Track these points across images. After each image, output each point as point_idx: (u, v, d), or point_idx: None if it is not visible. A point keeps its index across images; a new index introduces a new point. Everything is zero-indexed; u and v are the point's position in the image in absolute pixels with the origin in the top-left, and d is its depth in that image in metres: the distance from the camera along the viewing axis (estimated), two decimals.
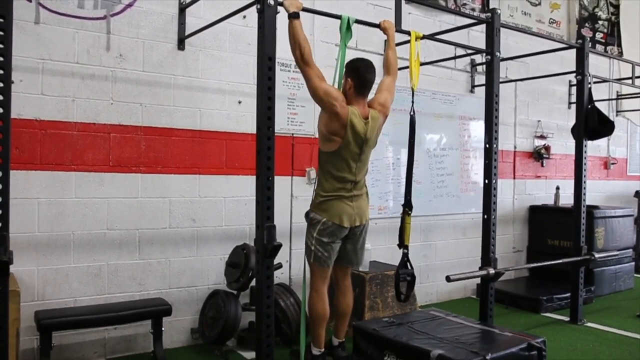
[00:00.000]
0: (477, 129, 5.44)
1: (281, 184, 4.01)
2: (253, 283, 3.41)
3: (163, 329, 3.43)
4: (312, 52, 3.00)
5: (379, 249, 4.68)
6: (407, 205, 3.32)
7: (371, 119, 3.13)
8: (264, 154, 2.76)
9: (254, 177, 2.85)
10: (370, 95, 3.26)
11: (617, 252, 5.35)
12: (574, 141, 4.73)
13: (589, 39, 4.70)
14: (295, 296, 3.82)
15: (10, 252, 2.43)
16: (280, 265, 3.74)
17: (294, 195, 4.26)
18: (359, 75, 3.13)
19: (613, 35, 7.21)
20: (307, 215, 3.24)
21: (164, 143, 3.71)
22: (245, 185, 4.01)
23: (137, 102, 3.61)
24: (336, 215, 3.11)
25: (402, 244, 3.31)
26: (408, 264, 3.30)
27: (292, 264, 4.24)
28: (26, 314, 3.15)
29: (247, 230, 4.03)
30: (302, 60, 2.93)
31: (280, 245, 2.76)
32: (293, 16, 2.89)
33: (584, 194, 4.60)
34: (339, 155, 3.08)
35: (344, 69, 3.20)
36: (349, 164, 3.11)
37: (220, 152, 3.94)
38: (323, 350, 3.27)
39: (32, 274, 3.30)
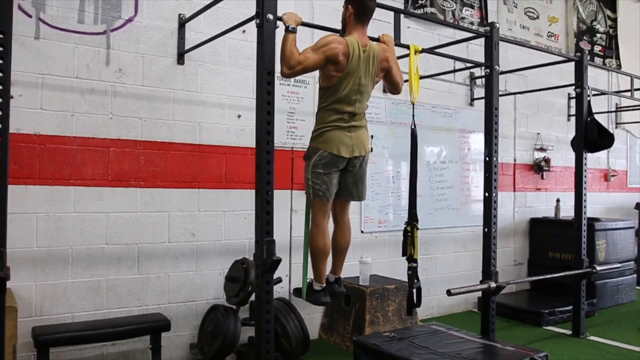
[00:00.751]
0: (477, 141, 5.44)
1: (281, 198, 4.00)
2: (252, 298, 3.39)
3: (162, 344, 3.41)
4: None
5: (379, 262, 4.66)
6: (414, 218, 3.29)
7: (370, 49, 3.05)
8: (264, 168, 2.75)
9: (254, 191, 2.84)
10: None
11: (619, 265, 5.31)
12: (573, 153, 4.74)
13: (587, 51, 4.72)
14: (295, 311, 3.79)
15: (8, 268, 2.41)
16: (279, 280, 3.71)
17: (293, 209, 4.25)
18: (359, 1, 3.05)
19: (611, 48, 7.25)
20: (305, 154, 3.16)
21: (163, 157, 3.71)
22: (244, 200, 4.00)
23: (136, 117, 3.61)
24: (333, 145, 3.01)
25: (411, 258, 3.28)
26: (416, 277, 3.28)
27: (292, 279, 4.22)
28: (23, 330, 3.12)
29: (247, 244, 4.01)
30: (290, 68, 2.87)
31: (279, 260, 2.74)
32: (290, 30, 2.89)
33: (585, 207, 4.59)
34: (338, 86, 3.00)
35: None
36: (348, 95, 3.02)
37: (219, 166, 3.93)
38: (324, 285, 3.20)
39: (29, 289, 3.27)
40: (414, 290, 3.28)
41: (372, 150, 3.24)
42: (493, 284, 3.73)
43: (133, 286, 3.61)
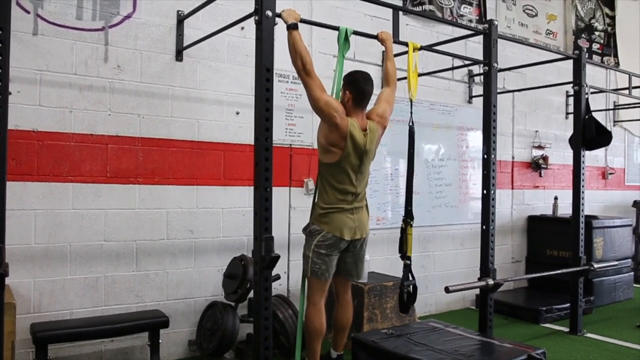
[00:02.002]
0: (475, 139, 5.44)
1: (279, 194, 4.00)
2: (251, 295, 3.39)
3: (160, 341, 3.40)
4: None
5: (377, 259, 4.66)
6: (409, 216, 3.31)
7: (370, 131, 3.13)
8: (262, 164, 2.75)
9: (252, 188, 2.84)
10: (370, 106, 3.26)
11: (616, 262, 5.35)
12: (571, 151, 4.74)
13: (585, 49, 4.73)
14: (293, 308, 3.79)
15: (6, 264, 2.41)
16: (278, 277, 3.71)
17: (292, 206, 4.25)
18: (357, 87, 3.13)
19: (609, 46, 7.25)
20: (305, 228, 3.22)
21: (161, 154, 3.71)
22: (243, 196, 4.00)
23: (134, 113, 3.61)
24: (337, 228, 3.09)
25: (405, 255, 3.29)
26: (410, 274, 3.29)
27: (290, 275, 4.22)
28: (22, 326, 3.12)
29: (245, 241, 4.01)
30: (304, 71, 2.93)
31: (278, 257, 2.74)
32: (292, 27, 2.89)
33: (583, 204, 4.60)
34: (339, 166, 3.07)
35: (342, 82, 3.21)
36: (349, 175, 3.10)
37: (218, 163, 3.93)
38: None
39: (28, 286, 3.27)
40: (408, 289, 3.29)
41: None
42: (491, 281, 3.74)
43: (131, 283, 3.61)
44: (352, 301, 3.42)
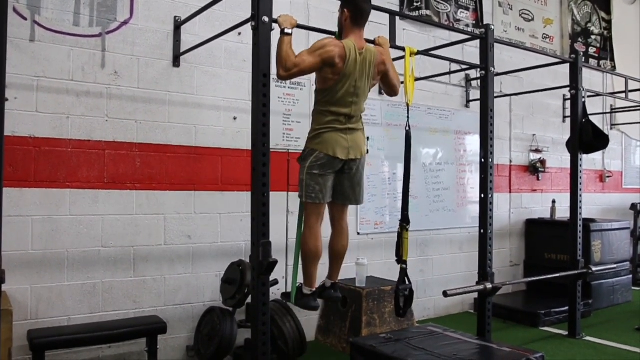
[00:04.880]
0: (473, 143, 5.45)
1: (277, 200, 3.99)
2: (249, 300, 3.39)
3: (158, 347, 3.39)
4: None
5: (375, 264, 4.66)
6: (405, 220, 3.30)
7: (366, 52, 3.05)
8: (260, 170, 2.75)
9: (250, 193, 2.84)
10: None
11: (615, 265, 5.36)
12: (569, 155, 4.75)
13: (582, 53, 4.75)
14: (291, 313, 3.78)
15: (3, 271, 2.42)
16: (276, 282, 3.70)
17: (289, 211, 4.24)
18: (355, 4, 3.05)
19: (606, 50, 7.28)
20: (300, 155, 3.13)
21: (159, 160, 3.71)
22: (240, 202, 3.99)
23: (132, 119, 3.61)
24: (329, 147, 3.00)
25: (401, 260, 3.28)
26: (406, 278, 3.28)
27: (288, 281, 4.21)
28: (19, 333, 3.11)
29: (243, 246, 4.01)
30: (287, 70, 2.86)
31: (275, 262, 2.74)
32: (285, 33, 2.89)
33: (580, 208, 4.60)
34: (335, 89, 3.00)
35: (340, 0, 3.13)
36: (345, 97, 3.02)
37: (215, 168, 3.93)
38: (314, 289, 3.17)
39: (25, 292, 3.26)
40: (404, 293, 3.26)
41: (367, 152, 3.24)
42: (489, 285, 3.73)
43: (129, 289, 3.61)
44: (348, 228, 3.30)
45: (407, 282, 3.28)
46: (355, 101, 3.07)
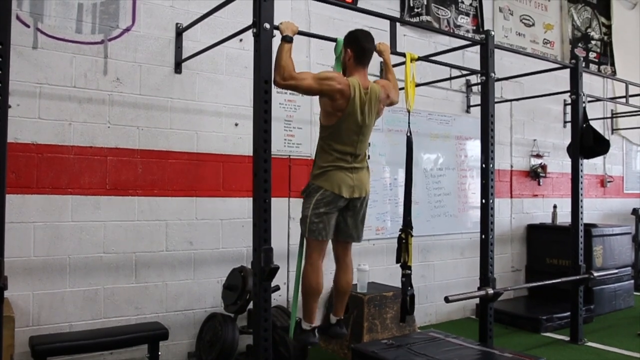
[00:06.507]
0: (474, 148, 5.46)
1: (278, 205, 3.98)
2: (250, 306, 3.38)
3: (160, 353, 3.39)
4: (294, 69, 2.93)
5: (377, 270, 4.66)
6: (408, 226, 3.30)
7: (371, 91, 3.07)
8: (261, 176, 2.76)
9: (251, 199, 2.84)
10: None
11: (616, 270, 5.35)
12: (570, 160, 4.75)
13: (582, 58, 4.76)
14: None
15: (5, 277, 2.42)
16: (277, 288, 3.71)
17: (291, 217, 4.25)
18: (358, 45, 3.08)
19: (606, 55, 7.30)
20: (304, 190, 3.15)
21: (160, 166, 3.72)
22: (242, 207, 4.00)
23: (134, 126, 3.62)
24: (335, 185, 3.02)
25: (405, 265, 3.28)
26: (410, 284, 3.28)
27: (289, 287, 4.21)
28: (21, 339, 3.12)
29: (245, 252, 4.01)
30: (284, 79, 2.86)
31: (277, 268, 2.74)
32: (286, 39, 2.90)
33: (582, 213, 4.60)
34: (340, 127, 3.01)
35: (343, 41, 3.15)
36: (350, 136, 3.03)
37: (217, 174, 3.94)
38: (313, 325, 3.16)
39: (27, 298, 3.27)
40: (408, 298, 3.27)
41: (369, 158, 3.25)
42: (491, 291, 3.73)
43: (131, 295, 3.61)
44: (352, 264, 3.32)
45: (410, 288, 3.27)
46: (361, 139, 3.09)
